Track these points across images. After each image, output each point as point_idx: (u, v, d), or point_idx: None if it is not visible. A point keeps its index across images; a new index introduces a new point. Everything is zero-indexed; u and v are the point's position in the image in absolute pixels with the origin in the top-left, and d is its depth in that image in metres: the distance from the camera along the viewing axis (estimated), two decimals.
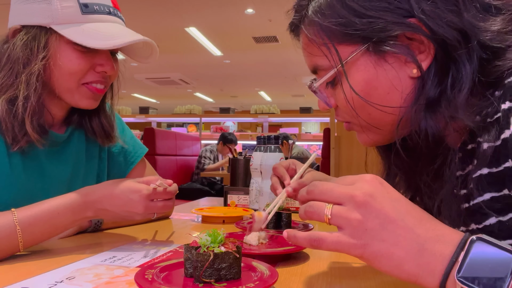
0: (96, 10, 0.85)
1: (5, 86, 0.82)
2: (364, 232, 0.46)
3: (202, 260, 0.51)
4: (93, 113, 0.98)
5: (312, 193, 0.51)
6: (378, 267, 0.46)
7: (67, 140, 0.96)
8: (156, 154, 4.15)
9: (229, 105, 9.87)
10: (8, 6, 0.89)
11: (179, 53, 7.62)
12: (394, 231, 0.45)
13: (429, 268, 0.43)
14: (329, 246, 0.48)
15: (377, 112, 0.60)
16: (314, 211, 0.49)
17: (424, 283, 0.44)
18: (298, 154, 4.88)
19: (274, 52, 7.61)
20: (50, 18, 0.82)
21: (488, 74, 0.55)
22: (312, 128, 11.63)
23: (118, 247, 0.78)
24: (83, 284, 0.56)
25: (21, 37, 0.83)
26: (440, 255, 0.43)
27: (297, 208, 1.26)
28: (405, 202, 0.48)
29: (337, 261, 0.71)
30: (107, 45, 0.82)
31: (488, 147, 0.52)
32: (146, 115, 7.15)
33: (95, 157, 1.03)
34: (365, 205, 0.46)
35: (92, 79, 0.87)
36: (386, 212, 0.46)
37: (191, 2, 5.25)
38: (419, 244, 0.44)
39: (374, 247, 0.45)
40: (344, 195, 0.48)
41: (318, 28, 0.61)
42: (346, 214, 0.47)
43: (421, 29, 0.55)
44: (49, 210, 0.75)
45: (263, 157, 1.16)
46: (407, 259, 0.44)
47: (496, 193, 0.53)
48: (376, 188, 0.47)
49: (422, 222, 0.46)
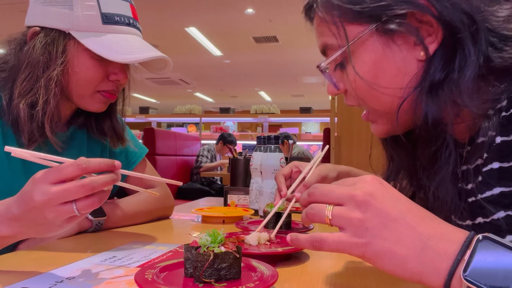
0: (116, 21, 0.86)
1: (25, 89, 0.84)
2: (365, 231, 0.45)
3: (202, 260, 0.51)
4: (104, 116, 1.00)
5: (313, 195, 0.51)
6: (380, 266, 0.45)
7: (69, 141, 0.97)
8: (156, 154, 4.14)
9: (229, 105, 9.86)
10: (9, 6, 0.89)
11: (179, 53, 7.62)
12: (396, 229, 0.45)
13: (433, 266, 0.43)
14: (330, 247, 0.47)
15: (385, 96, 0.59)
16: (315, 213, 0.49)
17: (428, 281, 0.43)
18: (298, 154, 4.88)
19: (274, 52, 7.61)
20: (70, 24, 0.83)
21: (499, 62, 0.54)
22: (312, 128, 11.62)
23: (118, 247, 0.78)
24: (83, 284, 0.56)
25: (40, 39, 0.84)
26: (445, 253, 0.42)
27: (297, 208, 1.26)
28: (406, 201, 0.47)
29: (337, 261, 0.71)
30: (126, 60, 0.84)
31: (502, 141, 0.52)
32: (146, 115, 7.14)
33: (96, 157, 1.03)
34: (366, 204, 0.46)
35: (106, 88, 0.90)
36: (387, 211, 0.45)
37: (191, 2, 5.25)
38: (422, 242, 0.44)
39: (375, 245, 0.45)
40: (345, 195, 0.48)
41: (329, 6, 0.61)
42: (346, 214, 0.47)
43: (429, 10, 0.54)
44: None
45: (263, 157, 1.16)
46: (410, 257, 0.44)
47: (506, 188, 0.52)
48: (376, 188, 0.47)
49: (425, 220, 0.45)
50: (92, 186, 0.56)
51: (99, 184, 0.57)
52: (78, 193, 0.56)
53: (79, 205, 0.57)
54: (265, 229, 0.88)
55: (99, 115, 0.99)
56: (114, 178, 0.59)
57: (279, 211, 0.89)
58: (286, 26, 6.08)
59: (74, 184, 0.56)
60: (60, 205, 0.56)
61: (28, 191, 0.57)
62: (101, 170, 0.58)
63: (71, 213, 0.57)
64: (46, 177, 0.57)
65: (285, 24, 5.99)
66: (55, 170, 0.57)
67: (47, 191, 0.56)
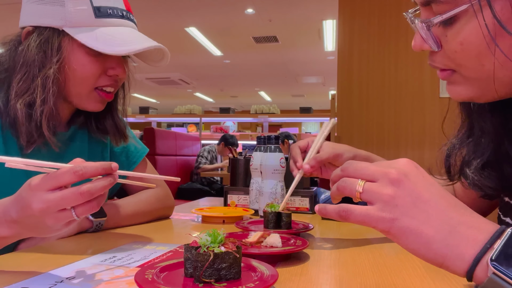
0: (109, 14, 0.85)
1: (22, 89, 0.83)
2: (394, 207, 0.45)
3: (202, 260, 0.51)
4: (106, 114, 0.99)
5: (346, 170, 0.51)
6: (404, 244, 0.45)
7: (69, 141, 0.97)
8: (156, 154, 4.15)
9: (229, 105, 9.88)
10: (9, 6, 0.90)
11: (179, 53, 7.62)
12: (426, 210, 0.44)
13: (458, 251, 0.42)
14: (357, 218, 0.47)
15: (492, 65, 0.51)
16: (346, 186, 0.49)
17: (451, 265, 0.42)
18: None
19: (274, 52, 7.61)
20: (63, 20, 0.83)
21: None
22: (312, 128, 11.62)
23: (118, 247, 0.78)
24: (83, 284, 0.56)
25: (34, 38, 0.84)
26: (473, 240, 0.41)
27: (297, 208, 1.26)
28: (439, 187, 0.47)
29: (337, 261, 0.71)
30: (121, 51, 0.83)
31: None
32: (146, 115, 7.15)
33: (97, 156, 1.04)
34: (399, 182, 0.46)
35: (104, 83, 0.89)
36: (419, 192, 0.45)
37: (191, 2, 5.25)
38: (451, 226, 0.43)
39: (403, 222, 0.44)
40: (379, 172, 0.47)
41: None
42: (378, 189, 0.46)
43: None
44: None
45: (263, 157, 1.16)
46: (436, 238, 0.43)
47: None
48: (411, 169, 0.47)
49: (456, 207, 0.45)
50: (90, 193, 0.55)
51: (97, 190, 0.56)
52: (76, 200, 0.55)
53: (78, 210, 0.56)
54: (265, 229, 0.89)
55: (99, 114, 0.99)
56: (112, 182, 0.58)
57: (279, 211, 0.89)
58: (286, 26, 6.09)
59: (72, 192, 0.55)
60: (58, 211, 0.56)
61: (25, 198, 0.56)
62: (98, 175, 0.57)
63: (70, 218, 0.57)
64: (43, 184, 0.56)
65: (285, 24, 6.00)
66: (52, 177, 0.56)
67: (44, 199, 0.55)
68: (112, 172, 0.58)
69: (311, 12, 5.46)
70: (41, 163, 0.57)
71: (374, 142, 3.01)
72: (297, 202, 1.26)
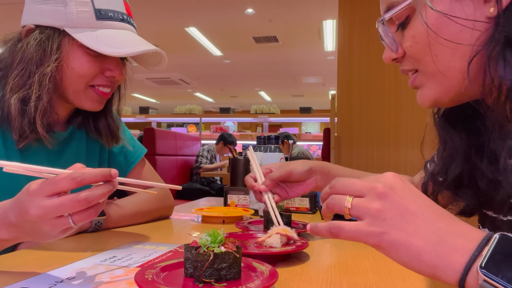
0: (110, 16, 0.86)
1: (18, 85, 0.84)
2: (383, 221, 0.45)
3: (202, 260, 0.51)
4: (100, 115, 1.00)
5: (334, 187, 0.51)
6: (395, 257, 0.45)
7: (67, 140, 0.97)
8: (156, 154, 4.14)
9: (229, 105, 9.87)
10: (9, 6, 0.90)
11: (179, 53, 7.62)
12: (414, 222, 0.45)
13: (448, 260, 0.42)
14: (347, 234, 0.47)
15: (445, 54, 0.56)
16: (334, 203, 0.49)
17: (442, 275, 0.42)
18: (298, 154, 4.88)
19: (274, 52, 7.61)
20: (64, 20, 0.84)
21: None
22: (312, 128, 11.62)
23: (118, 247, 0.78)
24: (83, 284, 0.56)
25: (34, 36, 0.85)
26: (462, 249, 0.42)
27: (297, 208, 1.26)
28: (426, 198, 0.47)
29: (337, 261, 0.71)
30: (119, 53, 0.84)
31: None
32: (146, 115, 7.14)
33: (95, 157, 1.04)
34: (385, 195, 0.46)
35: (99, 83, 0.90)
36: (406, 204, 0.46)
37: (191, 2, 5.25)
38: (439, 236, 0.43)
39: (392, 235, 0.45)
40: (365, 187, 0.48)
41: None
42: (366, 204, 0.47)
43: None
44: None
45: (263, 157, 1.16)
46: (426, 249, 0.43)
47: None
48: (397, 183, 0.47)
49: (443, 217, 0.45)
50: (88, 201, 0.55)
51: (95, 198, 0.55)
52: (73, 207, 0.55)
53: (75, 218, 0.56)
54: (266, 230, 0.89)
55: (96, 114, 0.99)
56: (111, 189, 0.57)
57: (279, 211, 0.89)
58: (286, 26, 6.09)
59: (70, 199, 0.54)
60: (55, 218, 0.56)
61: (23, 202, 0.56)
62: (96, 182, 0.57)
63: (67, 225, 0.56)
64: (41, 190, 0.55)
65: (285, 24, 5.99)
66: (50, 183, 0.55)
67: (42, 205, 0.54)
68: (112, 179, 0.58)
69: (311, 12, 5.47)
70: (39, 168, 0.57)
71: (374, 142, 3.01)
72: (297, 202, 1.26)
